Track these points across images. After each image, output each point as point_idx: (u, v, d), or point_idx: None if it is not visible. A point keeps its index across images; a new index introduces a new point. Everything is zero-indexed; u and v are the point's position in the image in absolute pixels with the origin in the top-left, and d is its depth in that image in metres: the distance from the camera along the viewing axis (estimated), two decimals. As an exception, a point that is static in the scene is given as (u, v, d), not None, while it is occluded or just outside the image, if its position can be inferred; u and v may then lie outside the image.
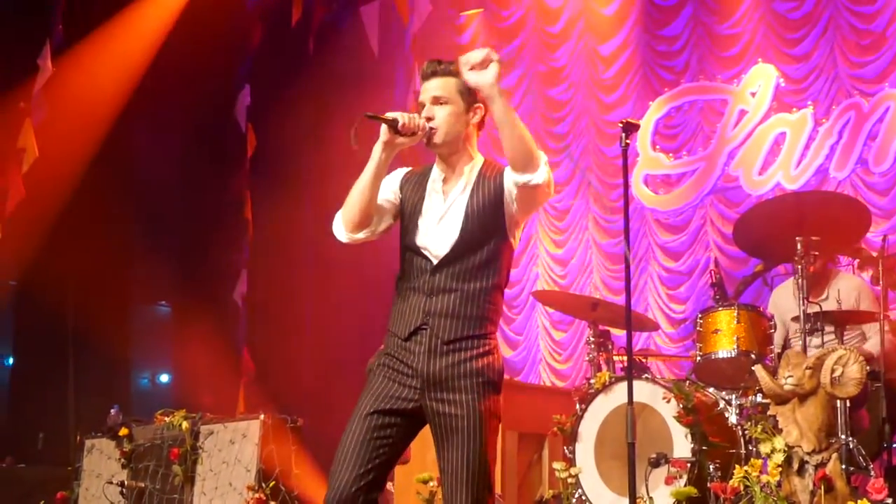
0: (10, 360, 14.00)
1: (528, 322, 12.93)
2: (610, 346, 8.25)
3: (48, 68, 12.31)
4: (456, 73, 4.60)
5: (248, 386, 12.85)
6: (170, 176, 13.05)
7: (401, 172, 4.88)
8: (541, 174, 4.44)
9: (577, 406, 7.72)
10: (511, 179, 4.51)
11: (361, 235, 4.75)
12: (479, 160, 4.75)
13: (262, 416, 8.76)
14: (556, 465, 7.48)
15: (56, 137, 12.48)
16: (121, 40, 12.73)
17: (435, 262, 4.61)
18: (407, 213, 4.73)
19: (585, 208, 12.74)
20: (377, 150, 4.62)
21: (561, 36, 13.28)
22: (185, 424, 9.18)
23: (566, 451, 7.67)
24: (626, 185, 6.01)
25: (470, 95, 4.66)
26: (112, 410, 10.43)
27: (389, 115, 4.59)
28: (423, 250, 4.64)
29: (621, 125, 5.81)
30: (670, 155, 12.26)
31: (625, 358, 7.87)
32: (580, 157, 12.86)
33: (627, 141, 5.80)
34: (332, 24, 13.72)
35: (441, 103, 4.67)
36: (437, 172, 4.76)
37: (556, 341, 12.64)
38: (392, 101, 13.46)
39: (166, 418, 9.53)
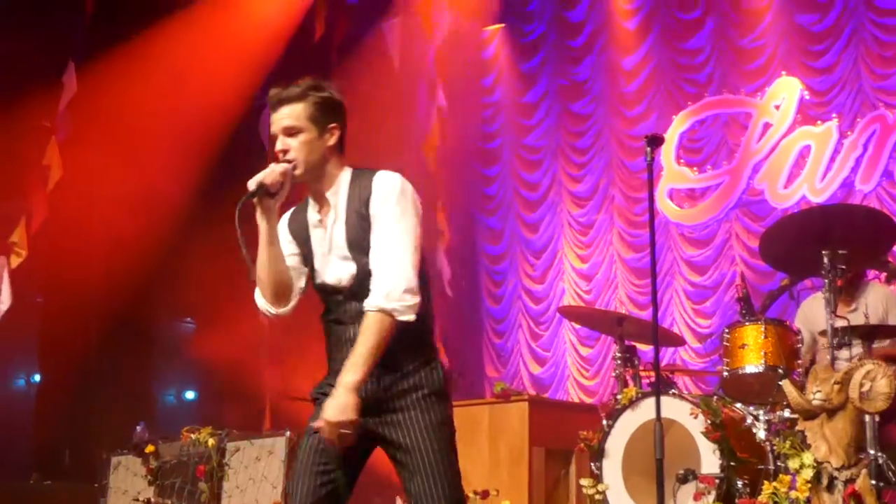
0: (37, 377, 14.01)
1: (555, 338, 12.90)
2: (636, 362, 8.18)
3: (72, 86, 12.34)
4: (303, 97, 4.46)
5: (274, 402, 12.84)
6: (192, 193, 13.06)
7: (283, 222, 4.66)
8: (408, 319, 4.25)
9: (605, 422, 7.66)
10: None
11: (290, 305, 4.61)
12: (343, 181, 4.51)
13: (287, 433, 8.76)
14: (584, 482, 7.44)
15: (80, 155, 12.51)
16: (144, 58, 12.74)
17: (343, 292, 4.44)
18: (303, 254, 4.58)
19: (609, 223, 12.72)
20: (260, 223, 4.43)
21: (583, 50, 13.27)
22: (211, 441, 9.18)
23: (593, 467, 7.62)
24: (651, 200, 5.94)
25: (323, 118, 4.48)
26: (138, 427, 10.45)
27: (251, 184, 4.38)
28: (328, 286, 4.49)
29: (646, 139, 5.78)
30: (694, 169, 12.23)
31: (651, 373, 7.85)
32: (603, 172, 12.83)
33: (652, 155, 5.77)
34: (355, 39, 13.73)
35: (293, 134, 4.47)
36: (311, 203, 4.57)
37: (583, 357, 12.61)
38: (414, 114, 13.47)
39: (192, 435, 9.53)
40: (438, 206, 12.75)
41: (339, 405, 4.16)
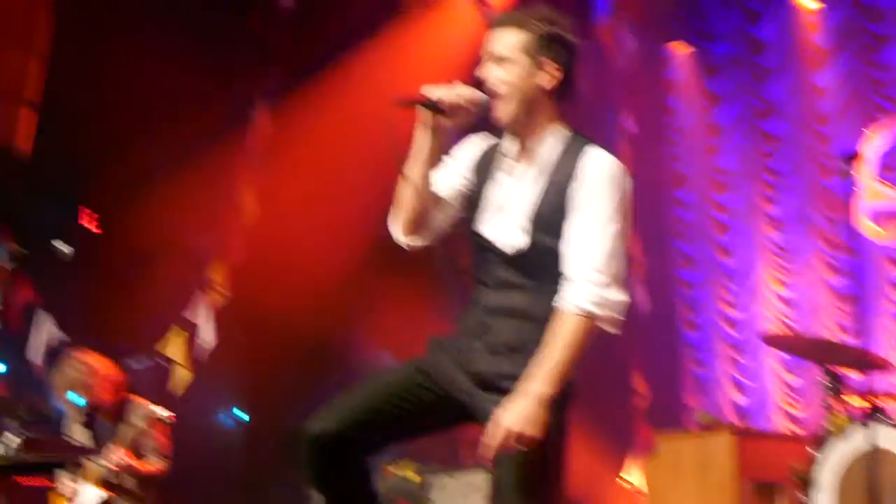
0: (242, 414, 14.27)
1: (758, 366, 12.63)
2: (846, 390, 7.99)
3: (265, 124, 12.57)
4: (523, 24, 4.04)
5: (473, 435, 12.85)
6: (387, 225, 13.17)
7: (471, 144, 4.28)
8: (612, 329, 4.06)
9: (815, 453, 7.50)
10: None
11: (420, 239, 4.24)
12: (553, 139, 4.09)
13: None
14: (797, 515, 7.30)
15: (275, 191, 12.73)
16: (336, 92, 12.92)
17: (502, 255, 4.04)
18: (473, 195, 4.19)
19: (811, 246, 12.42)
20: (418, 135, 4.06)
21: (773, 68, 13.02)
22: (414, 476, 9.22)
23: (805, 499, 7.47)
24: (853, 221, 5.78)
25: (540, 52, 4.04)
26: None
27: (428, 92, 3.98)
28: (486, 241, 4.09)
29: (842, 157, 5.64)
30: (896, 186, 11.92)
31: (863, 402, 7.66)
32: (801, 193, 12.55)
33: (850, 173, 5.62)
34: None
35: (503, 62, 4.05)
36: (506, 147, 4.16)
37: (788, 385, 12.33)
38: (602, 138, 13.37)
39: (395, 469, 9.59)
40: (631, 233, 12.61)
41: (526, 416, 3.81)
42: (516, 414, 3.81)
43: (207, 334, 12.01)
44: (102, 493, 7.98)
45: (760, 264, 12.68)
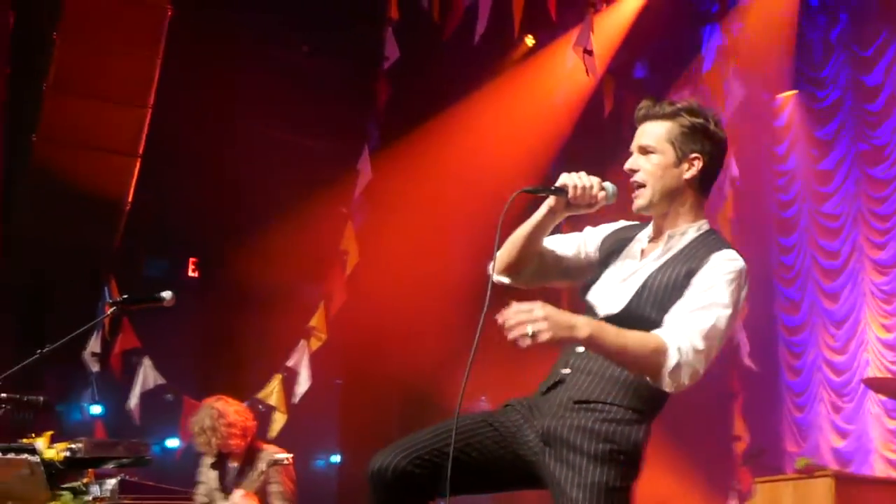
0: (337, 458, 14.31)
1: (860, 411, 12.41)
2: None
3: (367, 172, 12.66)
4: (671, 116, 3.98)
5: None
6: (485, 275, 13.15)
7: (612, 227, 4.28)
8: (665, 385, 3.80)
9: (917, 498, 7.32)
10: None
11: (506, 280, 4.21)
12: (693, 230, 4.04)
13: None
14: (895, 561, 7.10)
15: (376, 240, 12.80)
16: (436, 143, 12.99)
17: (598, 317, 3.96)
18: (597, 265, 4.18)
19: (916, 292, 12.20)
20: (540, 212, 4.08)
21: (881, 113, 12.85)
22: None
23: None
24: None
25: (686, 144, 3.97)
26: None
27: (559, 181, 3.99)
28: (592, 305, 4.06)
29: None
30: None
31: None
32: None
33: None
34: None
35: (647, 153, 4.01)
36: (646, 232, 4.14)
37: (889, 430, 12.08)
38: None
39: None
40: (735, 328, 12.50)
41: (553, 319, 3.64)
42: (548, 311, 3.68)
43: (304, 380, 12.09)
44: None
45: (863, 309, 12.47)
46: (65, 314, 10.89)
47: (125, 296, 7.44)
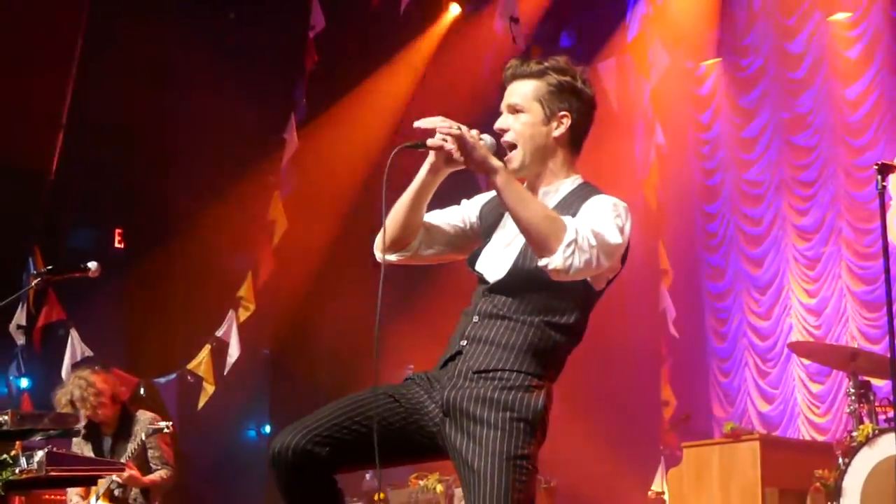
0: (268, 428, 14.30)
1: (784, 375, 12.54)
2: (872, 398, 7.91)
3: (294, 141, 12.63)
4: (539, 75, 4.01)
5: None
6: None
7: (487, 195, 4.26)
8: (555, 260, 3.74)
9: (840, 460, 7.46)
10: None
11: (392, 257, 4.19)
12: (566, 184, 4.06)
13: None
14: (821, 522, 7.24)
15: (303, 208, 12.78)
16: (362, 109, 12.98)
17: (486, 285, 4.01)
18: (479, 235, 4.19)
19: (838, 256, 12.31)
20: (422, 171, 4.07)
21: (804, 81, 12.94)
22: (439, 487, 9.21)
23: (830, 507, 7.42)
24: (885, 229, 5.76)
25: (554, 102, 4.00)
26: (367, 476, 10.57)
27: (435, 139, 3.88)
28: (480, 273, 4.06)
29: (876, 167, 5.64)
30: (928, 196, 11.80)
31: (888, 409, 7.61)
32: (829, 204, 12.48)
33: (883, 183, 5.61)
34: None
35: (516, 112, 4.02)
36: None
37: (813, 394, 12.23)
38: (633, 153, 13.37)
39: (420, 481, 9.58)
40: (660, 244, 12.60)
41: (467, 143, 3.77)
42: (464, 130, 3.81)
43: (234, 350, 12.07)
44: None
45: (787, 275, 12.62)
46: (-11, 286, 10.78)
47: (49, 267, 7.37)
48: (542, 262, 3.78)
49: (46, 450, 7.39)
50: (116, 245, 13.21)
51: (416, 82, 13.35)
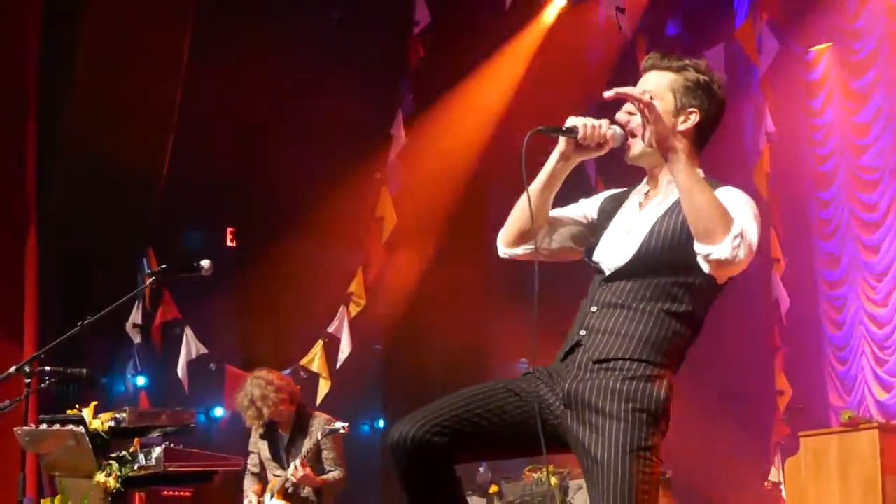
0: (381, 423, 14.36)
1: (903, 363, 12.37)
2: None
3: (401, 137, 12.67)
4: (676, 69, 4.01)
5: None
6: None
7: (607, 193, 4.28)
8: (722, 250, 3.72)
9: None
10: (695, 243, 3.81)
11: (518, 251, 4.19)
12: None
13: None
14: (942, 511, 7.09)
15: (413, 204, 12.81)
16: (470, 104, 12.98)
17: (603, 275, 3.97)
18: (597, 229, 4.15)
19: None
20: (551, 159, 4.06)
21: (919, 64, 12.72)
22: (554, 480, 9.18)
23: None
24: None
25: (686, 96, 3.99)
26: (481, 468, 10.58)
27: (569, 122, 3.97)
28: (598, 263, 4.02)
29: None
30: None
31: None
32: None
33: None
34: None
35: None
36: (642, 185, 4.14)
37: (933, 382, 12.05)
38: (743, 140, 13.23)
39: (534, 475, 9.56)
40: (773, 233, 12.43)
41: (659, 122, 3.79)
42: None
43: (346, 345, 12.15)
44: (281, 503, 8.18)
45: (905, 261, 12.41)
46: (105, 287, 10.94)
47: (163, 266, 7.46)
48: (704, 251, 3.76)
49: (164, 446, 7.52)
50: (228, 244, 13.34)
51: (521, 75, 13.31)
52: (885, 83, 12.95)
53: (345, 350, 12.16)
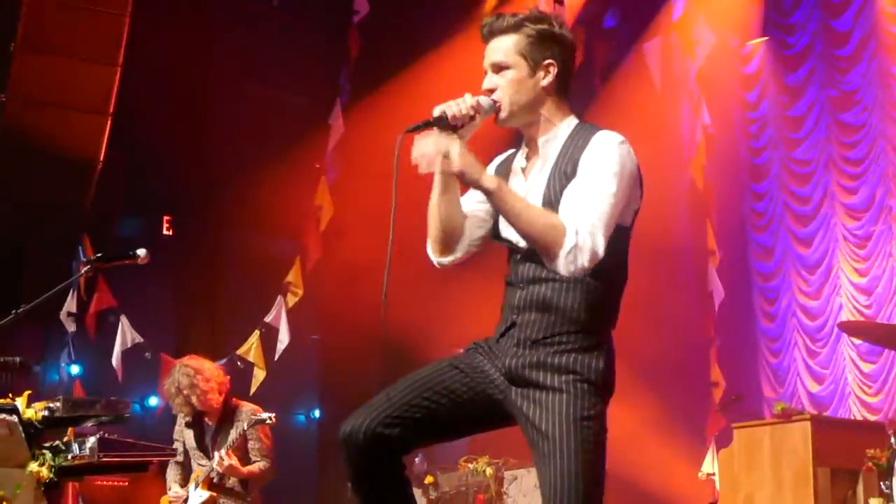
0: (317, 413, 14.35)
1: (834, 355, 12.47)
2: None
3: (340, 126, 12.65)
4: (516, 28, 3.98)
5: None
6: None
7: (494, 162, 4.25)
8: (559, 267, 3.79)
9: (893, 439, 7.39)
10: None
11: (450, 258, 4.23)
12: (563, 129, 4.02)
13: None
14: (873, 502, 7.20)
15: (350, 194, 12.79)
16: (407, 94, 12.96)
17: (521, 252, 3.99)
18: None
19: (888, 234, 12.21)
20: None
21: (851, 58, 12.82)
22: (489, 470, 9.22)
23: (883, 486, 7.35)
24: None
25: (537, 53, 3.97)
26: (416, 459, 10.58)
27: (435, 112, 3.94)
28: (508, 240, 4.05)
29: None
30: (978, 174, 11.68)
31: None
32: (879, 182, 12.37)
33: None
34: (615, 63, 13.66)
35: (500, 70, 4.00)
36: (521, 150, 4.12)
37: (864, 373, 12.15)
38: (679, 133, 13.31)
39: (470, 465, 9.59)
40: (708, 224, 12.54)
41: (472, 158, 3.80)
42: (463, 149, 3.84)
43: (284, 335, 12.12)
44: (205, 494, 8.12)
45: (836, 254, 12.53)
46: (40, 275, 10.86)
47: (99, 254, 7.40)
48: (550, 267, 3.82)
49: (98, 436, 7.45)
50: (165, 232, 13.26)
51: (461, 66, 13.31)
52: (819, 78, 13.09)
53: (283, 340, 12.12)
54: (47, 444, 7.23)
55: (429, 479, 10.16)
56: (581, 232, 3.77)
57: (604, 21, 14.14)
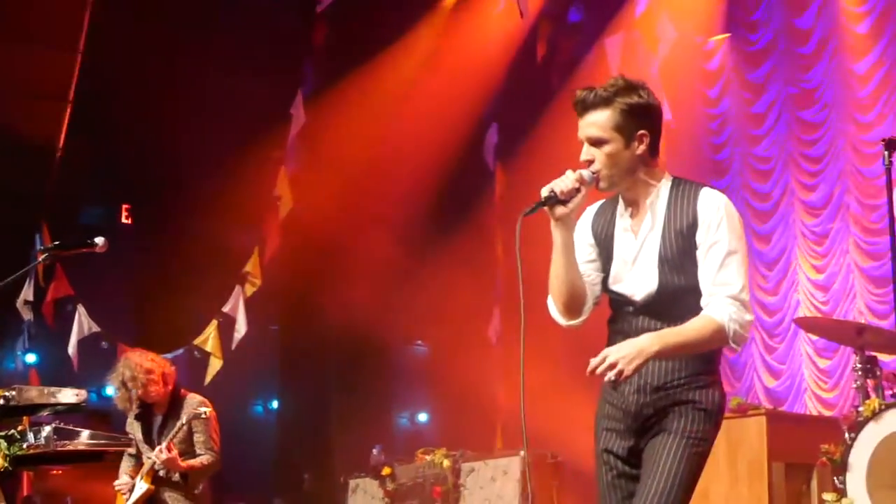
0: (275, 403, 14.33)
1: (791, 350, 12.55)
2: (878, 373, 7.88)
3: (301, 116, 12.62)
4: (608, 103, 4.18)
5: (505, 422, 12.81)
6: (420, 218, 13.16)
7: (586, 218, 4.48)
8: (736, 343, 4.19)
9: (847, 435, 7.44)
10: None
11: (578, 320, 4.44)
12: (663, 188, 4.28)
13: (522, 453, 8.72)
14: (827, 497, 7.24)
15: (310, 184, 12.77)
16: (369, 87, 12.96)
17: (635, 305, 4.28)
18: (602, 257, 4.40)
19: (846, 231, 12.29)
20: (554, 232, 4.27)
21: (813, 57, 12.89)
22: (446, 462, 9.23)
23: (836, 481, 7.41)
24: (891, 205, 5.75)
25: (631, 125, 4.18)
26: (374, 450, 10.59)
27: (544, 191, 4.19)
28: (623, 294, 4.31)
29: (883, 142, 5.64)
30: (936, 173, 11.72)
31: (895, 384, 7.60)
32: (837, 179, 12.44)
33: (890, 159, 5.60)
34: (578, 58, 13.69)
35: (597, 144, 4.20)
36: (621, 207, 4.37)
37: (820, 369, 12.23)
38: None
39: (427, 457, 9.59)
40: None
41: (626, 355, 4.03)
42: (618, 350, 4.05)
43: (241, 325, 12.08)
44: (144, 486, 8.05)
45: (794, 250, 12.60)
46: (-4, 262, 10.79)
47: (57, 242, 7.35)
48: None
49: (53, 425, 7.40)
50: (124, 220, 13.21)
51: (424, 58, 13.32)
52: (781, 75, 13.15)
53: (240, 330, 12.09)
54: (2, 433, 7.18)
55: (386, 471, 10.16)
56: (735, 316, 4.13)
57: (568, 15, 14.16)
